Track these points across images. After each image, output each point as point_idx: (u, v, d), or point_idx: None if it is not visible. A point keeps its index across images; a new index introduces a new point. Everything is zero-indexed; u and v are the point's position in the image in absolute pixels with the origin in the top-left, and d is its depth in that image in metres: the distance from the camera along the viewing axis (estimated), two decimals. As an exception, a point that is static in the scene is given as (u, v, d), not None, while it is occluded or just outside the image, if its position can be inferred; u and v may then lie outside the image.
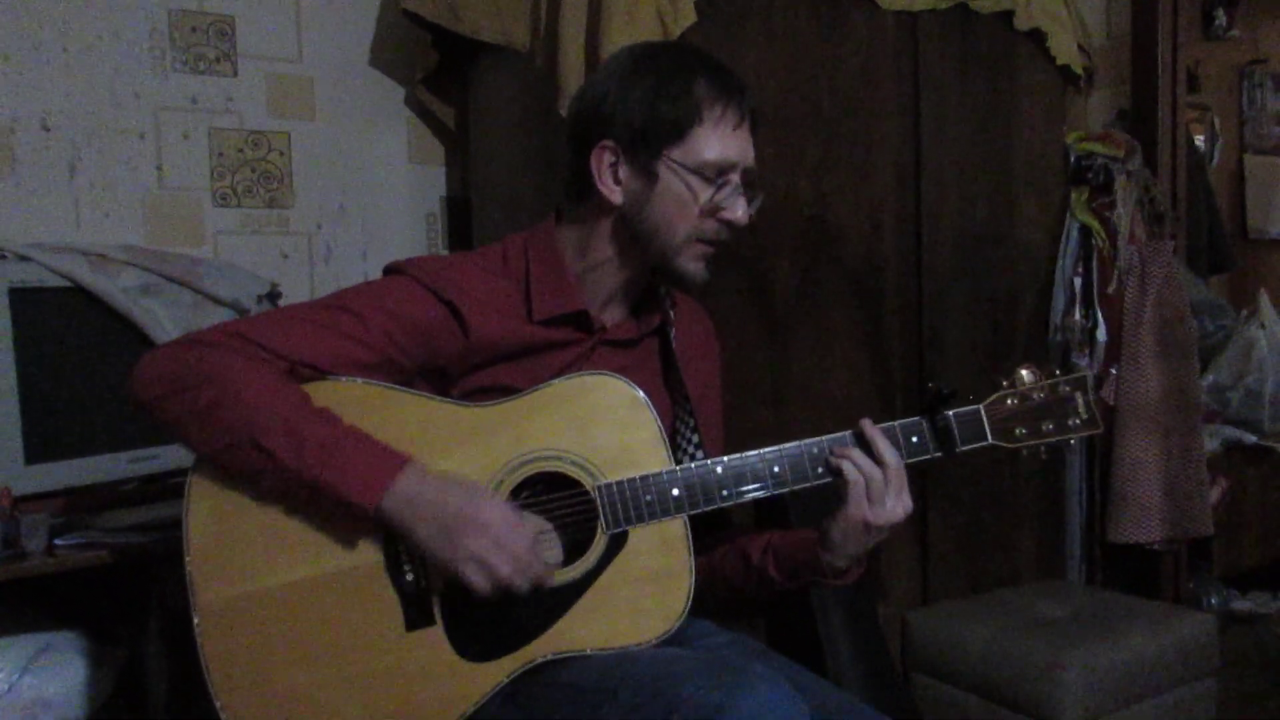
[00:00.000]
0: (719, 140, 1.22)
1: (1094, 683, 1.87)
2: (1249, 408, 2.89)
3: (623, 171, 1.24)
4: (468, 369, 1.23)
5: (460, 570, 1.10)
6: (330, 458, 1.09)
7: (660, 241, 1.25)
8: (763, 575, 1.33)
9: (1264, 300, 3.04)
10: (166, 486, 1.75)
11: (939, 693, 2.05)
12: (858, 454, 1.22)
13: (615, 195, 1.24)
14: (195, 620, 1.12)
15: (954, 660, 2.02)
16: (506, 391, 1.21)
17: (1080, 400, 1.29)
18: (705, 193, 1.23)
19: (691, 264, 1.26)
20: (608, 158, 1.24)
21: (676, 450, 1.30)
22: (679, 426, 1.31)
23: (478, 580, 1.10)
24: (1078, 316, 2.34)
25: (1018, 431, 1.28)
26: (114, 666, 1.64)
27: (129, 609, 1.64)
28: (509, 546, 1.10)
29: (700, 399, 1.34)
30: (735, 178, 1.25)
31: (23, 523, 1.50)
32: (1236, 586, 2.93)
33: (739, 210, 1.25)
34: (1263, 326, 2.96)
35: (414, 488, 1.10)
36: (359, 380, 1.17)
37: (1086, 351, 2.35)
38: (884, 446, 1.22)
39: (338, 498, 1.09)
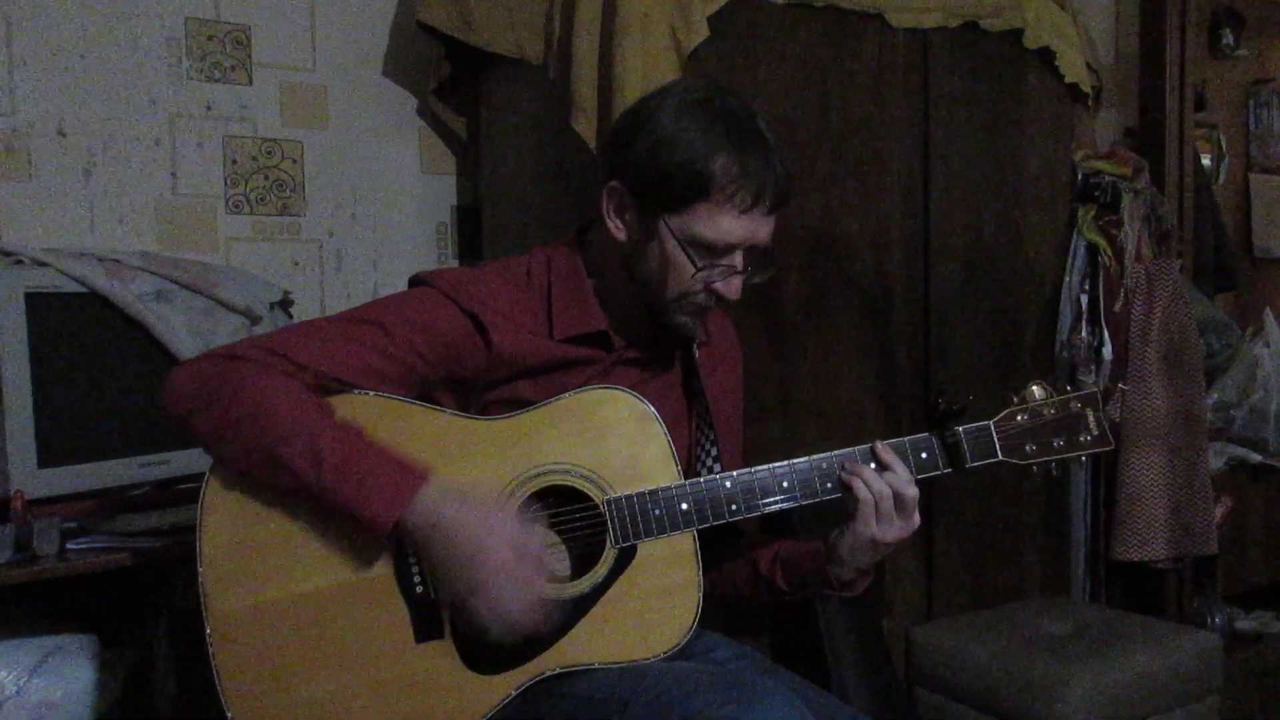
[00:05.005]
0: (723, 220, 1.17)
1: (1097, 700, 1.87)
2: (1254, 426, 2.88)
3: (628, 214, 1.23)
4: (490, 383, 1.24)
5: (462, 601, 1.11)
6: (347, 475, 1.09)
7: (651, 293, 1.24)
8: (771, 585, 1.34)
9: (1269, 319, 3.03)
10: (178, 491, 1.76)
11: (943, 708, 2.06)
12: (869, 473, 1.22)
13: (620, 234, 1.24)
14: (207, 630, 1.13)
15: (958, 676, 2.02)
16: (524, 406, 1.22)
17: (1091, 416, 1.29)
18: (694, 267, 1.19)
19: (681, 318, 1.25)
20: (615, 198, 1.23)
21: (694, 462, 1.31)
22: (698, 439, 1.32)
23: (476, 613, 1.10)
24: (1084, 334, 2.35)
25: (1028, 448, 1.28)
26: (122, 670, 1.65)
27: (139, 613, 1.65)
28: (512, 601, 1.10)
29: (720, 410, 1.34)
30: (735, 258, 1.20)
31: (35, 526, 1.50)
32: (1240, 605, 2.92)
33: (731, 289, 1.22)
34: (1268, 345, 2.96)
35: (431, 511, 1.10)
36: (371, 393, 1.18)
37: (1093, 369, 2.35)
38: (897, 467, 1.23)
39: (354, 516, 1.10)
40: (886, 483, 1.22)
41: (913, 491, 1.22)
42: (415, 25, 2.16)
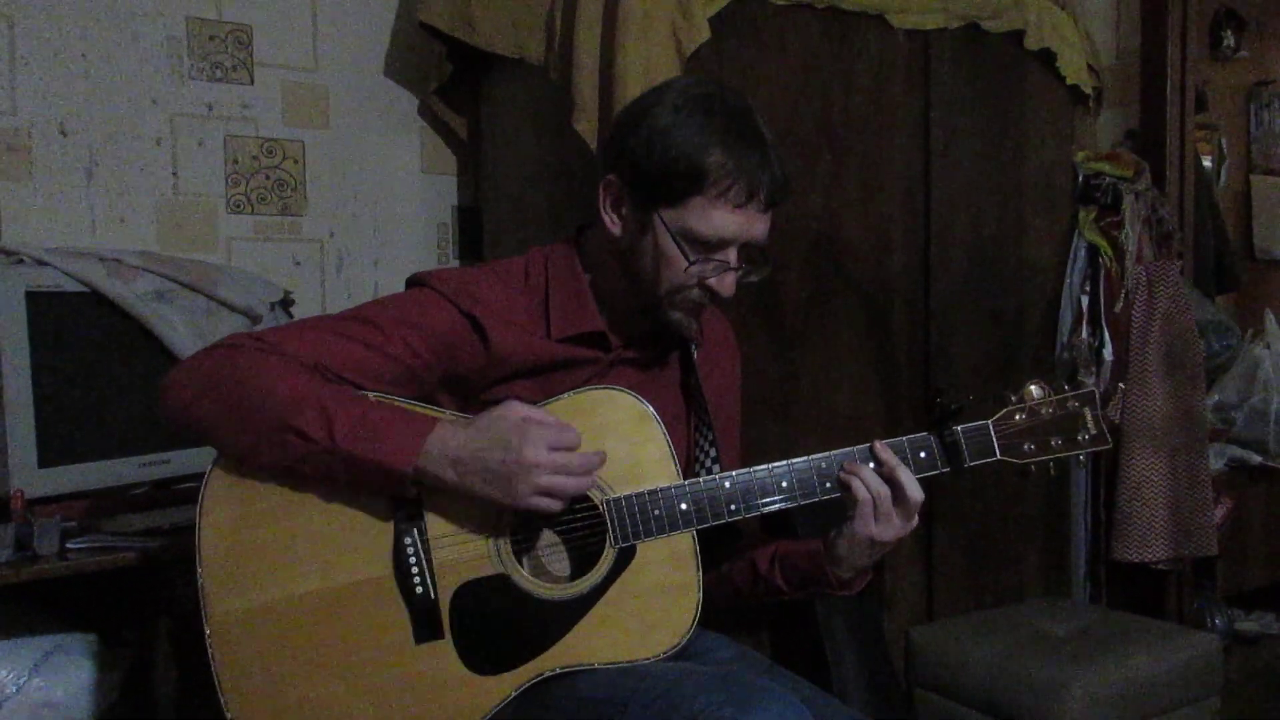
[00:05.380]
0: (716, 215, 1.18)
1: (1097, 701, 1.87)
2: (1254, 427, 2.89)
3: (624, 209, 1.23)
4: (488, 382, 1.24)
5: (530, 505, 1.12)
6: (362, 429, 1.10)
7: (646, 288, 1.24)
8: (770, 584, 1.35)
9: (1270, 320, 3.04)
10: (178, 491, 1.76)
11: (943, 709, 2.06)
12: (867, 472, 1.22)
13: (615, 228, 1.25)
14: (207, 632, 1.13)
15: (958, 677, 2.02)
16: None
17: (1089, 415, 1.29)
18: (689, 261, 1.20)
19: (676, 314, 1.25)
20: (612, 192, 1.24)
21: (693, 462, 1.31)
22: (697, 439, 1.32)
23: (549, 506, 1.12)
24: (1085, 335, 2.35)
25: (1026, 447, 1.28)
26: (122, 669, 1.65)
27: (138, 612, 1.65)
28: (564, 467, 1.12)
29: (719, 410, 1.34)
30: (729, 254, 1.21)
31: (35, 525, 1.51)
32: (1240, 606, 2.93)
33: (724, 285, 1.22)
34: (1268, 346, 2.97)
35: (451, 447, 1.11)
36: (373, 394, 1.18)
37: (1093, 370, 2.35)
38: (896, 466, 1.23)
39: (375, 467, 1.10)
40: (885, 480, 1.22)
41: (916, 493, 1.22)
42: (416, 25, 2.17)
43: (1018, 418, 1.28)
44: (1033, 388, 1.30)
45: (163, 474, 1.76)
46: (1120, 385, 2.34)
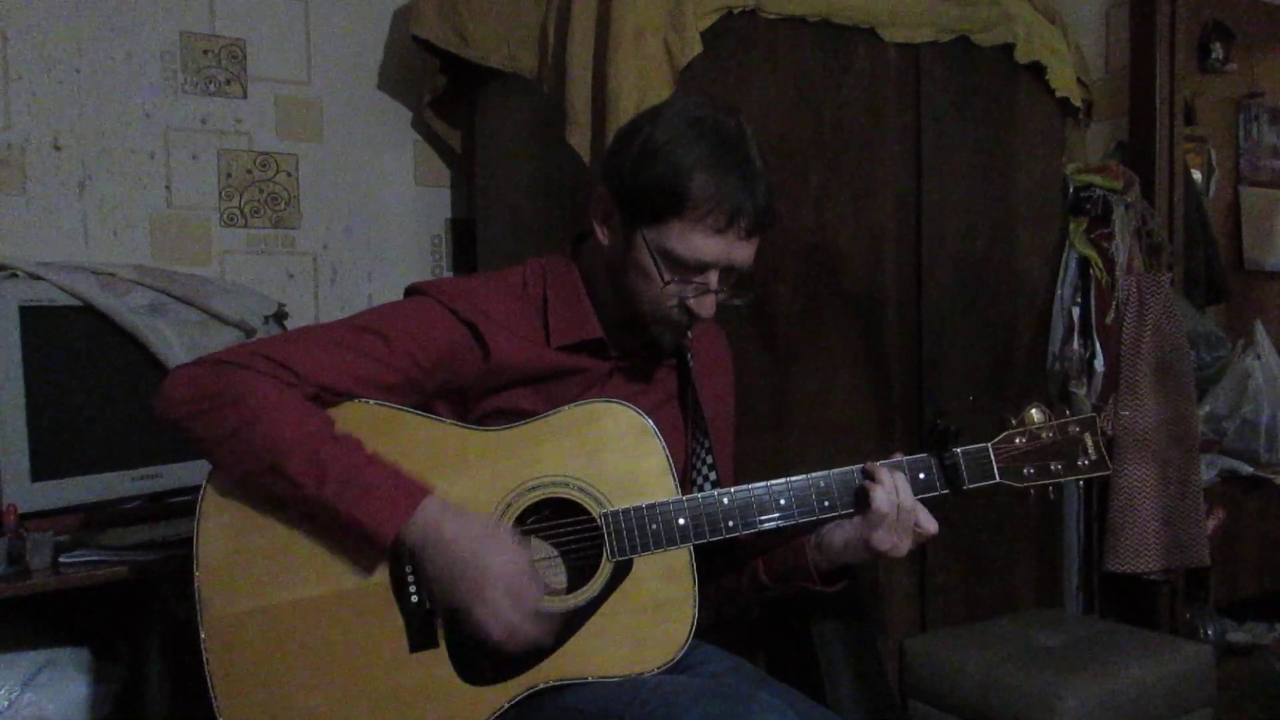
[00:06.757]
0: (695, 239, 1.18)
1: (1090, 712, 1.87)
2: (1245, 438, 2.90)
3: (612, 221, 1.25)
4: (487, 391, 1.24)
5: (465, 612, 1.12)
6: (350, 488, 1.10)
7: (629, 303, 1.25)
8: (754, 579, 1.36)
9: (1260, 331, 3.05)
10: (171, 505, 1.76)
11: (936, 720, 2.06)
12: (891, 485, 1.23)
13: (605, 238, 1.26)
14: (202, 635, 1.13)
15: (951, 688, 2.03)
16: (522, 416, 1.22)
17: (1089, 441, 1.30)
18: (666, 281, 1.20)
19: (658, 329, 1.25)
20: (603, 204, 1.25)
21: (690, 471, 1.31)
22: (694, 448, 1.32)
23: (479, 623, 1.11)
24: (1076, 346, 2.36)
25: (1026, 470, 1.29)
26: (114, 684, 1.64)
27: (131, 626, 1.65)
28: (505, 616, 1.10)
29: (715, 422, 1.35)
30: (709, 277, 1.20)
31: (28, 540, 1.50)
32: (1233, 617, 2.93)
33: (703, 307, 1.22)
34: (1259, 357, 2.98)
35: (431, 525, 1.11)
36: (372, 402, 1.18)
37: (1084, 381, 2.36)
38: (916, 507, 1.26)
39: (356, 528, 1.11)
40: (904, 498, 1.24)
41: (931, 525, 1.26)
42: (410, 39, 2.17)
43: (1018, 441, 1.29)
44: (1034, 411, 1.30)
45: (156, 488, 1.75)
46: (1123, 413, 2.35)
